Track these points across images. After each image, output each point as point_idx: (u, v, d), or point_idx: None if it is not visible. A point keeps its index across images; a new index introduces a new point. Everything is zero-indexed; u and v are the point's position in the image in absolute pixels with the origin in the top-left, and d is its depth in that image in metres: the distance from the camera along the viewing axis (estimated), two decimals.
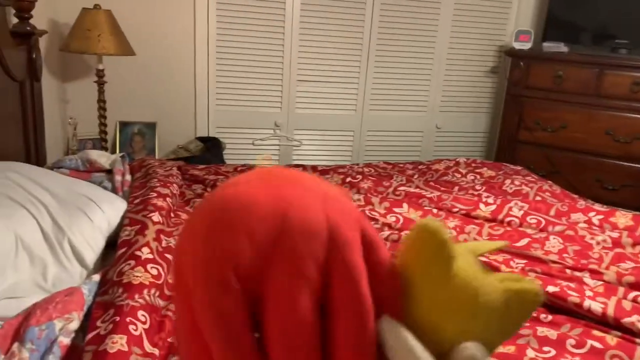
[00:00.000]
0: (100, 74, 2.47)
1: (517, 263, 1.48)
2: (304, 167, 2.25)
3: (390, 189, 2.00)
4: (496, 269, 1.39)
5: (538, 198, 1.96)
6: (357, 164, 2.35)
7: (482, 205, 1.82)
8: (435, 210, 1.80)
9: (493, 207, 1.81)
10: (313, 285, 0.48)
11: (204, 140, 2.84)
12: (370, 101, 3.12)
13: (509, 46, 3.15)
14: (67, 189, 1.50)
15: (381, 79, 3.10)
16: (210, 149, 2.78)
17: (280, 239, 0.48)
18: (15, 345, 0.97)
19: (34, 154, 2.08)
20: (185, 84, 2.86)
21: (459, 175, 2.23)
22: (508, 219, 1.75)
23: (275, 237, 0.48)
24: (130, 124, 2.79)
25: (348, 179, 2.09)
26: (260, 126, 3.03)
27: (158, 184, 1.72)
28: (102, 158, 1.94)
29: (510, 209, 1.78)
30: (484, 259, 1.44)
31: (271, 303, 0.47)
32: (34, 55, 1.99)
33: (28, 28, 1.96)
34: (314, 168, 2.24)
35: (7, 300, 1.15)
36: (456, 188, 2.08)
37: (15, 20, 1.96)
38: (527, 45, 3.03)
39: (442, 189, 2.06)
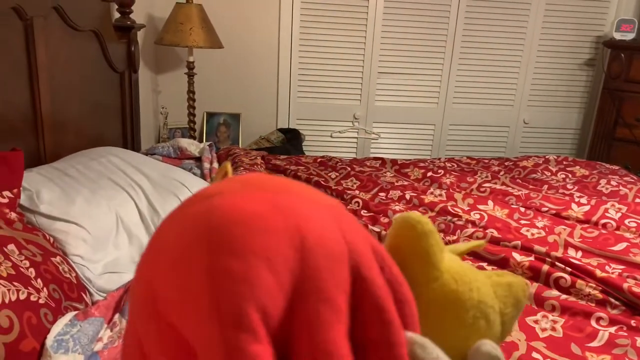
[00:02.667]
0: (190, 65, 2.59)
1: (614, 268, 1.38)
2: (382, 160, 2.24)
3: (475, 185, 1.94)
4: (590, 274, 1.31)
5: (638, 200, 1.82)
6: (439, 159, 2.29)
7: (574, 206, 1.72)
8: (522, 209, 1.72)
9: (586, 207, 1.70)
10: (346, 319, 0.37)
11: (284, 131, 2.90)
12: (454, 94, 3.03)
13: (608, 36, 2.93)
14: (161, 174, 1.59)
15: (466, 71, 3.00)
16: (291, 140, 2.84)
17: (302, 263, 0.36)
18: (117, 316, 1.05)
19: (130, 141, 2.22)
20: (268, 77, 2.93)
21: (549, 174, 2.12)
22: (603, 221, 1.63)
23: (296, 261, 0.36)
24: (216, 115, 2.91)
25: (429, 174, 2.05)
26: (339, 118, 3.04)
27: (244, 172, 1.78)
28: (191, 146, 2.04)
29: (606, 210, 1.67)
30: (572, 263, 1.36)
31: (302, 349, 0.35)
32: (132, 48, 2.13)
33: (128, 22, 2.09)
34: (393, 162, 2.22)
35: (109, 274, 1.24)
36: (545, 186, 1.97)
37: (117, 14, 2.10)
38: (629, 36, 2.80)
39: (531, 187, 1.97)
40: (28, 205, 1.22)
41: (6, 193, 1.14)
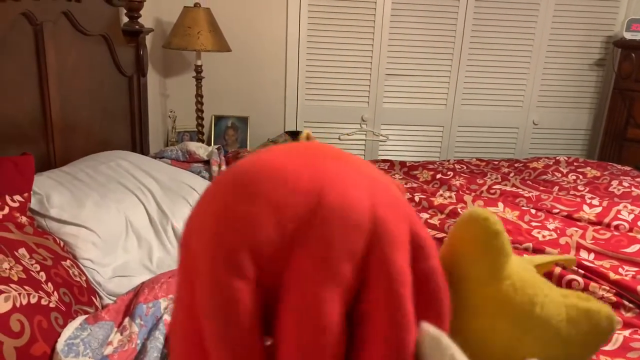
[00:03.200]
0: (198, 69, 2.59)
1: (627, 270, 1.36)
2: (391, 162, 2.23)
3: (484, 187, 1.92)
4: (604, 276, 1.29)
5: None
6: (448, 160, 2.28)
7: (585, 207, 1.70)
8: (533, 211, 1.70)
9: (598, 209, 1.68)
10: (344, 286, 0.37)
11: (292, 134, 2.90)
12: (462, 95, 3.02)
13: (618, 36, 2.90)
14: (170, 177, 1.59)
15: (474, 72, 2.98)
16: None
17: (313, 221, 0.37)
18: (127, 320, 1.05)
19: (139, 144, 2.23)
20: (276, 80, 2.93)
21: (560, 175, 2.10)
22: (616, 222, 1.62)
23: (307, 218, 0.37)
24: (224, 118, 2.91)
25: (438, 176, 2.03)
26: (347, 121, 3.03)
27: None
28: (200, 149, 2.04)
29: (618, 212, 1.65)
30: (588, 264, 1.34)
31: (290, 301, 0.37)
32: (141, 52, 2.14)
33: (137, 27, 2.10)
34: (402, 163, 2.21)
35: (119, 278, 1.24)
36: (556, 188, 1.96)
37: (126, 19, 2.11)
38: None
39: (541, 188, 1.95)
40: (38, 209, 1.23)
41: (17, 197, 1.14)
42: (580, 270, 1.31)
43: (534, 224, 1.63)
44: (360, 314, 0.39)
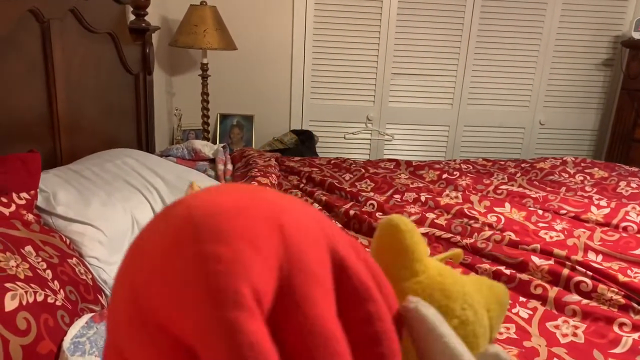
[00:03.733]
0: (204, 67, 2.59)
1: (636, 272, 1.35)
2: (397, 162, 2.22)
3: (491, 187, 1.91)
4: (612, 278, 1.28)
5: None
6: (454, 160, 2.27)
7: (593, 208, 1.69)
8: (540, 212, 1.69)
9: (606, 210, 1.67)
10: (332, 297, 0.36)
11: (297, 133, 2.89)
12: (469, 95, 3.00)
13: (627, 36, 2.88)
14: (176, 176, 1.59)
15: (481, 72, 2.97)
16: (304, 142, 2.83)
17: (285, 246, 0.36)
18: None
19: (145, 142, 2.23)
20: (282, 78, 2.93)
21: (567, 175, 2.08)
22: (624, 224, 1.60)
23: (279, 245, 0.35)
24: (229, 116, 2.91)
25: (444, 176, 2.02)
26: (352, 120, 3.02)
27: (258, 174, 1.77)
28: (205, 148, 2.04)
29: (626, 213, 1.64)
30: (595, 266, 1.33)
31: (291, 325, 0.34)
32: (147, 50, 2.13)
33: (143, 24, 2.09)
34: (407, 163, 2.20)
35: None
36: (563, 189, 1.94)
37: (132, 17, 2.11)
38: None
39: (548, 189, 1.94)
40: (45, 207, 1.22)
41: (23, 194, 1.14)
42: (588, 272, 1.30)
43: (541, 224, 1.61)
44: (344, 320, 0.37)
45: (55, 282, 0.99)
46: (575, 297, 1.24)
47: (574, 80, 3.04)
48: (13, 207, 1.09)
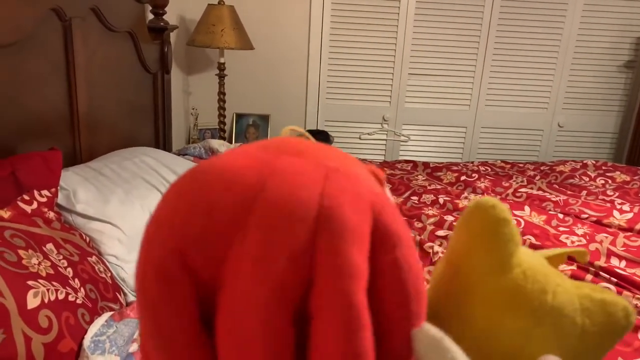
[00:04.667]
0: (221, 67, 2.59)
1: None
2: (413, 163, 2.20)
3: (510, 190, 1.89)
4: (637, 284, 1.25)
5: None
6: (472, 162, 2.24)
7: (616, 213, 1.66)
8: (561, 215, 1.66)
9: (629, 215, 1.64)
10: (283, 283, 0.35)
11: (313, 133, 2.88)
12: (486, 96, 2.97)
13: None
14: None
15: (499, 73, 2.93)
16: (319, 142, 2.81)
17: (250, 215, 0.35)
18: None
19: (162, 141, 2.23)
20: (297, 78, 2.92)
21: (587, 179, 2.05)
22: None
23: (243, 213, 0.35)
24: (245, 116, 2.91)
25: (462, 177, 2.00)
26: (367, 120, 3.01)
27: None
28: (222, 147, 2.04)
29: None
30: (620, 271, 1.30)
31: (224, 297, 0.35)
32: (165, 49, 2.14)
33: (162, 24, 2.10)
34: (425, 164, 2.18)
35: None
36: (584, 192, 1.91)
37: (151, 16, 2.12)
38: None
39: (569, 192, 1.91)
40: (65, 205, 1.23)
41: (45, 192, 1.15)
42: (612, 278, 1.27)
43: (561, 229, 1.59)
44: (310, 312, 0.36)
45: (76, 280, 0.99)
46: None
47: (595, 81, 2.99)
48: (35, 205, 1.09)
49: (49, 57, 1.39)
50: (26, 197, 1.09)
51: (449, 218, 1.65)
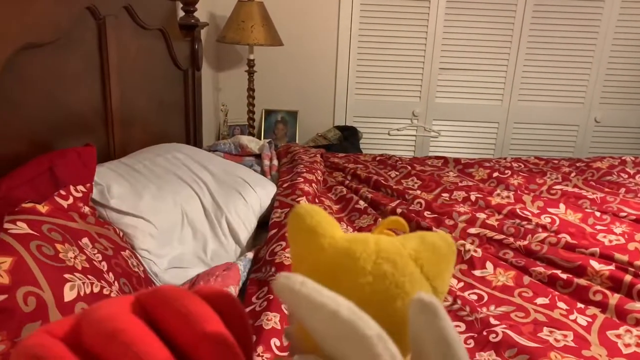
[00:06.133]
0: (250, 63, 2.61)
1: None
2: (444, 159, 2.17)
3: (544, 187, 1.84)
4: None
5: None
6: (504, 158, 2.19)
7: None
8: (598, 214, 1.61)
9: None
10: None
11: (341, 129, 2.88)
12: (520, 91, 2.90)
13: None
14: (224, 170, 1.61)
15: (533, 67, 2.86)
16: (348, 138, 2.81)
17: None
18: None
19: (193, 137, 2.26)
20: (326, 74, 2.91)
21: (626, 176, 1.98)
22: None
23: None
24: (274, 112, 2.92)
25: (495, 174, 1.96)
26: (397, 116, 2.98)
27: (304, 170, 1.76)
28: (251, 143, 2.05)
29: None
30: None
31: None
32: (196, 46, 2.16)
33: (192, 21, 2.12)
34: (456, 161, 2.14)
35: (175, 269, 1.26)
36: (623, 190, 1.85)
37: (182, 13, 2.14)
38: None
39: (606, 190, 1.85)
40: (99, 200, 1.26)
41: (80, 187, 1.17)
42: None
43: (598, 227, 1.54)
44: None
45: (110, 274, 1.01)
46: (639, 305, 1.17)
47: (634, 75, 2.88)
48: (71, 200, 1.12)
49: (84, 55, 1.42)
50: (63, 192, 1.11)
51: (481, 215, 1.62)
